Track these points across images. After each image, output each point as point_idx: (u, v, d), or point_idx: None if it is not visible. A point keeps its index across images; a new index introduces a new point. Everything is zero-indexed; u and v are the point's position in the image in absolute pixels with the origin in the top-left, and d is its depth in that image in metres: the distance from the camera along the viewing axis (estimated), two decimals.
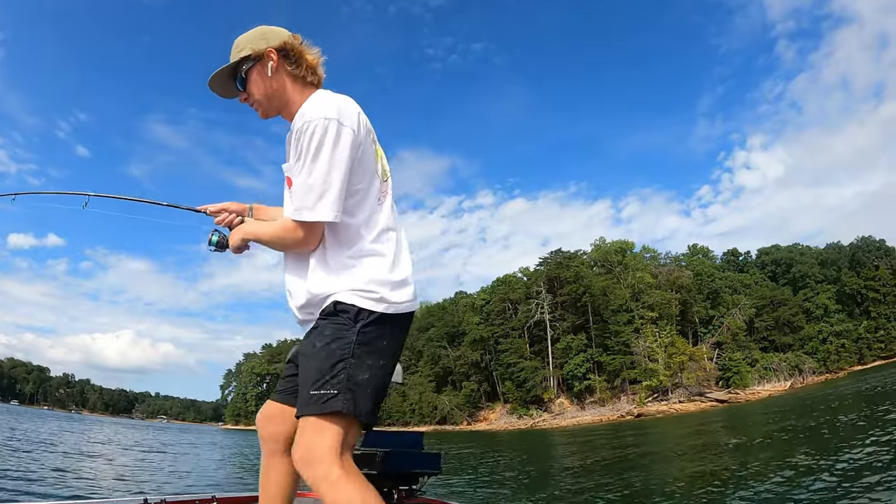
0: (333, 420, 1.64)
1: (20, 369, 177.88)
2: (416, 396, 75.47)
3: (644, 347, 63.56)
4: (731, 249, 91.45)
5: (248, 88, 1.94)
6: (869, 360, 68.72)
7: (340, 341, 1.69)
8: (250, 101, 1.97)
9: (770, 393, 59.42)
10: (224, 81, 1.98)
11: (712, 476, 11.13)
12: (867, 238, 78.40)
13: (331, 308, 1.75)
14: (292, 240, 1.79)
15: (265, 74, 1.90)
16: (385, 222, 1.88)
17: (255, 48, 1.89)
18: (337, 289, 1.76)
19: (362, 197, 1.83)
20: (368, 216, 1.84)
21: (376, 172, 1.90)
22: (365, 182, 1.84)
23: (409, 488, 3.80)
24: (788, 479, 9.25)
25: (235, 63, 1.92)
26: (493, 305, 77.91)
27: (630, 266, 73.96)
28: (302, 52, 1.94)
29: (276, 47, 1.90)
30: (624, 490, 10.99)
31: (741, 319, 69.75)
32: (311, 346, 1.74)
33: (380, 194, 1.91)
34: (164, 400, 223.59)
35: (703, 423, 32.11)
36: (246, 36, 1.94)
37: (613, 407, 62.65)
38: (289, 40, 1.92)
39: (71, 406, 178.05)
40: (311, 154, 1.71)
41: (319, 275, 1.80)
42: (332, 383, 1.64)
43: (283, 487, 2.00)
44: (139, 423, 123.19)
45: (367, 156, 1.85)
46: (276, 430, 1.99)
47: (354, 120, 1.80)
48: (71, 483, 10.72)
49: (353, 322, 1.71)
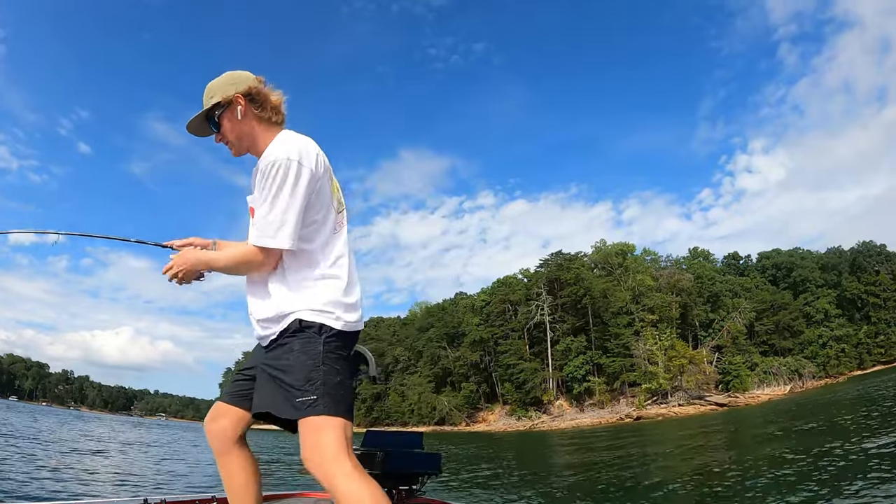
0: (324, 420, 1.84)
1: (19, 365, 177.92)
2: (415, 397, 75.43)
3: (644, 350, 63.50)
4: (731, 253, 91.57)
5: (222, 131, 2.15)
6: (869, 365, 68.70)
7: (310, 353, 1.91)
8: (224, 142, 2.18)
9: (770, 397, 59.40)
10: (199, 124, 2.18)
11: (712, 480, 11.08)
12: (868, 243, 78.38)
13: (296, 325, 1.95)
14: (255, 263, 2.00)
15: (235, 119, 2.11)
16: (340, 249, 2.10)
17: (224, 95, 2.10)
18: (298, 307, 1.97)
19: (319, 226, 2.05)
20: (325, 243, 2.06)
21: (332, 205, 2.11)
22: (321, 214, 2.05)
23: (409, 488, 3.77)
24: (789, 483, 9.20)
25: (208, 109, 2.12)
26: (493, 306, 77.87)
27: (631, 268, 73.91)
28: (266, 95, 2.15)
29: (242, 93, 2.10)
30: (623, 492, 10.95)
31: (741, 323, 69.72)
32: (285, 360, 1.94)
33: (335, 224, 2.12)
34: (163, 397, 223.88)
35: (703, 427, 32.03)
36: (216, 83, 2.15)
37: (613, 409, 62.60)
38: (254, 84, 2.13)
39: (70, 402, 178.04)
40: (273, 191, 1.92)
41: (282, 293, 2.01)
42: (310, 390, 1.86)
43: (252, 483, 2.17)
44: (138, 420, 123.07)
45: (324, 190, 2.06)
46: (223, 425, 2.17)
47: (313, 160, 2.01)
48: (69, 483, 10.67)
49: (318, 335, 1.94)
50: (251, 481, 2.17)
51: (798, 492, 8.40)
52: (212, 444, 2.19)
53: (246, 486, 2.16)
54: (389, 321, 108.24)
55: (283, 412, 1.90)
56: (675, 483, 11.42)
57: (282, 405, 1.91)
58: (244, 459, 2.18)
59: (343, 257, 2.09)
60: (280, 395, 1.92)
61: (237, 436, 2.17)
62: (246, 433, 2.24)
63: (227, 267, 2.08)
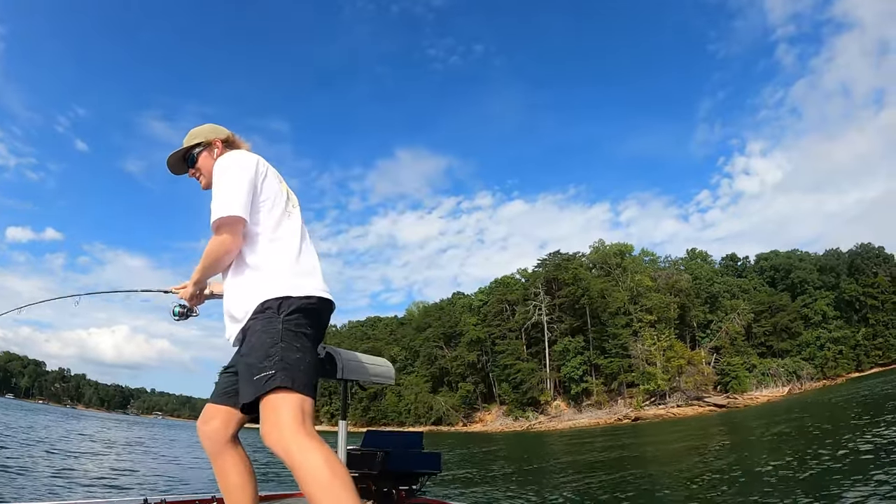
0: (282, 397, 1.88)
1: (16, 363, 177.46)
2: (412, 396, 75.28)
3: (642, 351, 63.43)
4: (729, 254, 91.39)
5: (197, 165, 2.49)
6: (866, 367, 68.72)
7: (270, 331, 1.99)
8: (197, 176, 2.51)
9: (769, 398, 59.37)
10: (177, 160, 2.52)
11: (711, 481, 10.97)
12: (866, 245, 78.36)
13: (258, 307, 2.07)
14: (218, 244, 2.16)
15: (211, 157, 2.45)
16: (290, 230, 2.26)
17: (206, 138, 2.49)
18: (259, 291, 2.10)
19: (268, 210, 2.23)
20: (275, 225, 2.23)
21: (280, 194, 2.31)
22: (270, 199, 2.25)
23: (409, 488, 3.78)
24: (788, 486, 9.11)
25: (189, 147, 2.48)
26: (491, 306, 77.76)
27: (629, 269, 73.82)
28: (240, 143, 2.54)
29: (221, 139, 2.50)
30: (621, 493, 10.84)
31: (739, 324, 69.68)
32: (248, 343, 2.04)
33: (285, 211, 2.29)
34: (159, 396, 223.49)
35: (702, 428, 31.97)
36: (200, 129, 2.52)
37: (610, 410, 62.53)
38: (230, 134, 2.54)
39: (66, 401, 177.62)
40: (219, 180, 2.20)
41: (245, 283, 2.17)
42: (268, 365, 1.91)
43: (246, 483, 2.19)
44: (134, 418, 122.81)
45: (270, 179, 2.30)
46: (214, 426, 2.21)
47: (252, 157, 2.31)
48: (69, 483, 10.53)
49: (277, 314, 2.03)
50: (246, 482, 2.19)
51: (797, 494, 8.30)
52: (205, 445, 2.22)
53: (241, 487, 2.16)
54: (386, 321, 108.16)
55: (246, 395, 1.96)
56: (673, 484, 11.33)
57: (243, 387, 1.99)
58: (238, 459, 2.20)
59: (293, 236, 2.25)
60: (244, 377, 1.99)
61: (229, 436, 2.21)
62: (238, 433, 2.26)
63: (203, 267, 2.26)
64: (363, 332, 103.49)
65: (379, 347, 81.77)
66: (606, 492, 11.23)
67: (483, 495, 11.68)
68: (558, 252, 77.40)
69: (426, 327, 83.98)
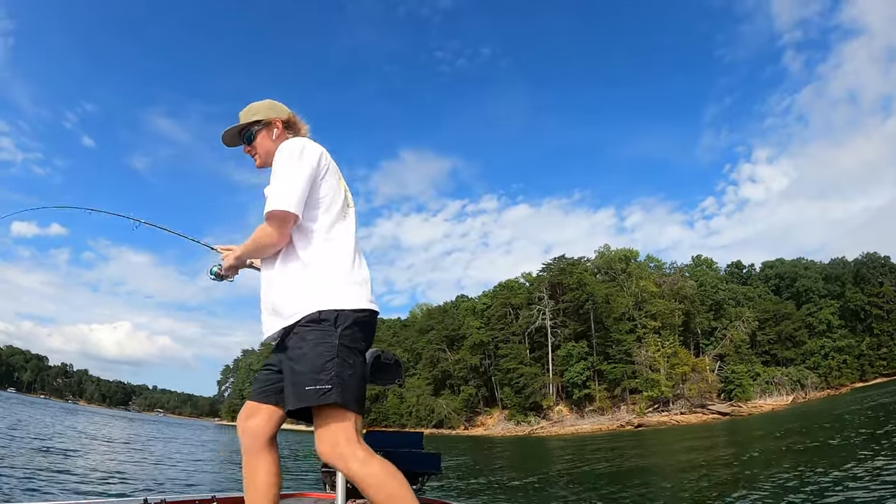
0: (337, 413, 1.97)
1: (18, 357, 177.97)
2: (414, 399, 75.10)
3: (646, 357, 63.16)
4: (735, 262, 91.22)
5: (254, 144, 2.43)
6: (870, 377, 68.39)
7: (326, 344, 2.01)
8: (252, 153, 2.46)
9: (773, 407, 59.06)
10: (233, 134, 2.46)
11: (714, 490, 10.79)
12: (872, 254, 78.03)
13: (315, 317, 2.05)
14: (268, 233, 2.16)
15: (269, 137, 2.41)
16: (345, 233, 2.25)
17: (266, 116, 2.42)
18: (311, 296, 2.08)
19: (325, 208, 2.22)
20: (330, 226, 2.21)
21: (339, 194, 2.30)
22: (328, 196, 2.24)
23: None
24: (792, 496, 8.93)
25: (248, 123, 2.41)
26: (495, 310, 77.57)
27: (634, 274, 73.61)
28: (300, 126, 2.49)
29: (282, 119, 2.44)
30: (622, 500, 10.68)
31: (744, 332, 69.37)
32: (299, 350, 2.04)
33: (342, 212, 2.28)
34: (161, 393, 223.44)
35: (706, 436, 31.72)
36: (259, 104, 2.45)
37: (613, 416, 62.23)
38: (291, 115, 2.47)
39: (68, 396, 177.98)
40: (280, 167, 2.17)
41: (293, 282, 2.15)
42: (324, 379, 1.96)
43: (273, 485, 2.16)
44: (134, 415, 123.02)
45: (331, 176, 2.27)
46: (256, 424, 2.19)
47: (318, 149, 2.27)
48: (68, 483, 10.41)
49: (334, 327, 2.03)
50: (273, 483, 2.18)
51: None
52: (243, 441, 2.22)
53: (267, 487, 2.16)
54: (390, 322, 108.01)
55: (292, 402, 2.01)
56: (677, 493, 11.15)
57: (293, 394, 2.01)
58: (272, 460, 2.20)
59: (349, 238, 2.24)
60: (294, 384, 2.01)
61: (270, 435, 2.21)
62: (277, 433, 2.27)
63: (247, 248, 2.29)
64: None
65: (382, 349, 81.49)
66: (608, 499, 11.07)
67: (484, 499, 11.54)
68: (563, 256, 77.25)
69: (429, 330, 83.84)
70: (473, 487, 13.76)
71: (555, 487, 13.74)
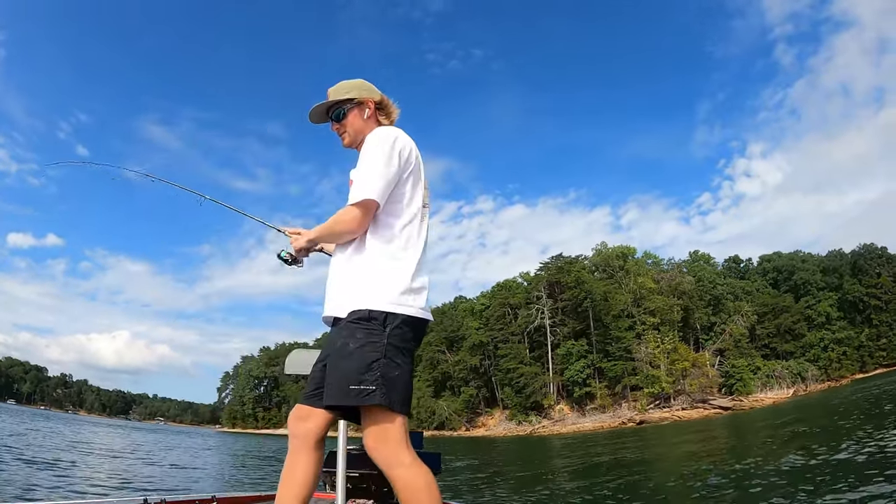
0: (385, 414, 1.99)
1: (17, 368, 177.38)
2: (414, 401, 74.00)
3: (646, 353, 63.16)
4: (732, 256, 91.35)
5: (344, 122, 2.41)
6: (870, 368, 68.51)
7: (374, 344, 2.01)
8: (341, 132, 2.43)
9: (774, 400, 59.08)
10: (321, 112, 2.43)
11: (718, 484, 10.74)
12: (869, 245, 78.23)
13: (364, 314, 2.05)
14: (348, 219, 2.16)
15: (361, 117, 2.40)
16: (417, 235, 2.23)
17: (359, 95, 2.39)
18: (369, 294, 2.08)
19: (405, 205, 2.21)
20: (405, 224, 2.20)
21: (421, 192, 2.28)
22: (410, 193, 2.23)
23: None
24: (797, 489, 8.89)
25: (339, 100, 2.38)
26: (493, 310, 77.49)
27: (632, 271, 73.61)
28: (392, 109, 2.48)
29: (375, 100, 2.42)
30: (626, 497, 10.64)
31: (743, 326, 69.42)
32: (346, 347, 2.03)
33: (420, 212, 2.26)
34: (161, 402, 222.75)
35: (708, 431, 31.69)
36: (352, 83, 2.43)
37: (614, 414, 62.20)
38: (384, 98, 2.46)
39: (68, 406, 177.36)
40: (370, 155, 2.18)
41: (358, 273, 2.16)
42: (369, 380, 1.97)
43: (308, 484, 2.17)
44: (135, 424, 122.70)
45: (416, 173, 2.27)
46: (308, 428, 2.18)
47: (409, 143, 2.28)
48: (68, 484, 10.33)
49: (382, 327, 2.03)
50: (308, 482, 2.17)
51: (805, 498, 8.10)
52: (292, 441, 2.21)
53: (301, 485, 2.15)
54: None
55: (337, 398, 2.02)
56: (680, 489, 11.11)
57: (337, 390, 2.02)
58: (314, 462, 2.20)
59: (418, 242, 2.21)
60: (338, 380, 2.02)
61: (318, 439, 2.20)
62: (325, 435, 2.28)
63: (324, 232, 2.29)
64: None
65: None
66: (612, 497, 11.02)
67: (486, 498, 11.49)
68: (560, 255, 77.24)
69: (428, 332, 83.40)
70: (476, 487, 13.71)
71: (558, 486, 13.69)
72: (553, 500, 11.15)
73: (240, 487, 7.84)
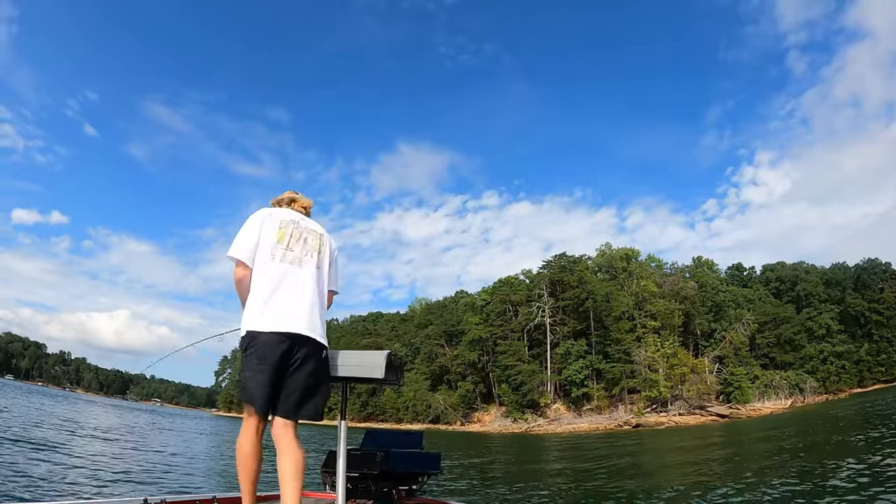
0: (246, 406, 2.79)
1: (17, 344, 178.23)
2: (411, 394, 75.11)
3: (645, 357, 63.07)
4: (735, 264, 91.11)
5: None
6: (869, 383, 68.39)
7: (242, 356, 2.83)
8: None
9: (772, 410, 58.98)
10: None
11: (710, 493, 10.67)
12: (873, 260, 78.06)
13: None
14: (234, 274, 2.90)
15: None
16: (274, 273, 2.85)
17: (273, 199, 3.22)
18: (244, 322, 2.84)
19: (260, 252, 2.87)
20: (262, 267, 2.85)
21: (274, 240, 2.90)
22: (264, 243, 2.89)
23: (409, 488, 3.80)
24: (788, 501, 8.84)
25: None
26: (494, 306, 77.44)
27: (635, 274, 73.50)
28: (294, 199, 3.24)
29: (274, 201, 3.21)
30: (618, 500, 10.58)
31: (743, 334, 69.28)
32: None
33: (277, 255, 2.88)
34: (158, 383, 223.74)
35: (705, 438, 31.63)
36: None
37: (611, 416, 62.16)
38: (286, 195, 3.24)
39: (66, 384, 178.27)
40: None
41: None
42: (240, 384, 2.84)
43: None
44: (132, 405, 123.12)
45: (267, 230, 2.91)
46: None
47: (263, 212, 2.99)
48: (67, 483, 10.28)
49: (244, 346, 2.80)
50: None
51: None
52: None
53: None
54: (388, 316, 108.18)
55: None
56: (673, 495, 11.04)
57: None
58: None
59: (271, 277, 2.83)
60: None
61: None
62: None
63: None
64: (364, 327, 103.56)
65: (380, 343, 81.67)
66: (604, 498, 10.98)
67: (482, 496, 11.45)
68: (564, 254, 77.08)
69: (428, 324, 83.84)
70: (471, 485, 13.68)
71: (552, 485, 13.65)
72: (553, 500, 11.12)
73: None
